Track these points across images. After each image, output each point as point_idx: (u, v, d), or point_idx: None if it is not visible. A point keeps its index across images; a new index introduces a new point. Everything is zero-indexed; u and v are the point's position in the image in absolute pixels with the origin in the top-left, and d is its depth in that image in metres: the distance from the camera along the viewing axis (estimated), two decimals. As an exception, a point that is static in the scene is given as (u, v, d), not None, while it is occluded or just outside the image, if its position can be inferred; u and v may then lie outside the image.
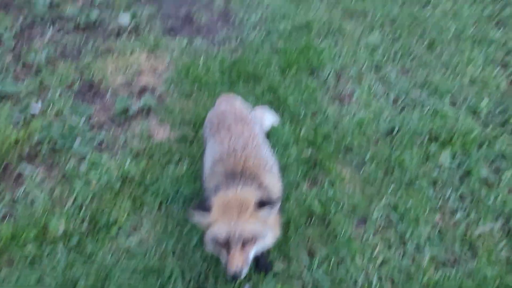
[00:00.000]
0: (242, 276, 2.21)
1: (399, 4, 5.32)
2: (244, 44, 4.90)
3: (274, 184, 2.68)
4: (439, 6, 5.23)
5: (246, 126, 2.97)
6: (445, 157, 3.64)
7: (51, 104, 4.10)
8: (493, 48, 4.67)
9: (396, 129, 3.89)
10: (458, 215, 3.27)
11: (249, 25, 5.13)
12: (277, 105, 4.11)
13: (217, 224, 2.23)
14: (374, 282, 2.92)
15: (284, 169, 3.56)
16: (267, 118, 3.68)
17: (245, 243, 2.22)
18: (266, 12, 5.27)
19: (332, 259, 3.03)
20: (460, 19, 5.07)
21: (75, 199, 3.42)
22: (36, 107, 4.06)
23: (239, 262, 2.20)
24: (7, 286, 2.90)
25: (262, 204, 2.26)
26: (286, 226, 3.18)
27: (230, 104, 3.21)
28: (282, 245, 3.11)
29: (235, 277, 2.19)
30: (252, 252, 2.29)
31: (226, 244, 2.21)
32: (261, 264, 2.98)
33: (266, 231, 2.31)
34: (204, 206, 2.30)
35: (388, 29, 5.01)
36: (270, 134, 3.73)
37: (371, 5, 5.33)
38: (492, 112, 4.01)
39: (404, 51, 4.71)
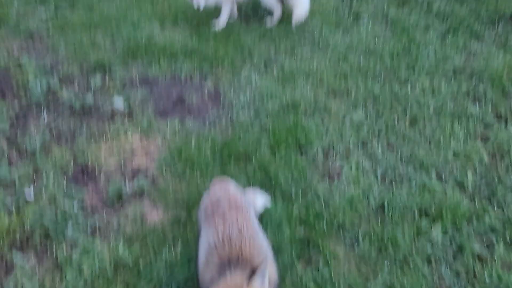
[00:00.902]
0: None
1: (380, 83, 5.61)
2: (234, 124, 5.07)
3: (269, 270, 2.66)
4: (417, 84, 5.54)
5: (240, 212, 3.00)
6: (436, 232, 3.69)
7: (44, 189, 4.12)
8: (471, 122, 4.89)
9: (386, 205, 3.96)
10: (455, 293, 3.27)
11: (239, 105, 5.33)
12: (268, 184, 4.18)
13: None
14: None
15: (277, 250, 3.56)
16: (259, 200, 3.74)
17: None
18: (255, 92, 5.51)
19: None
20: (439, 95, 5.35)
21: (66, 289, 3.35)
22: (29, 193, 4.07)
23: None
24: None
25: (252, 275, 2.31)
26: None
27: (224, 190, 3.27)
28: (279, 331, 3.04)
29: None
30: None
31: None
32: None
33: None
34: None
35: (371, 106, 5.25)
36: (262, 214, 3.77)
37: (354, 83, 5.62)
38: (478, 185, 4.13)
39: (388, 127, 4.91)
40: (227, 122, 5.13)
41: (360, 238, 3.70)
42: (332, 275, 3.39)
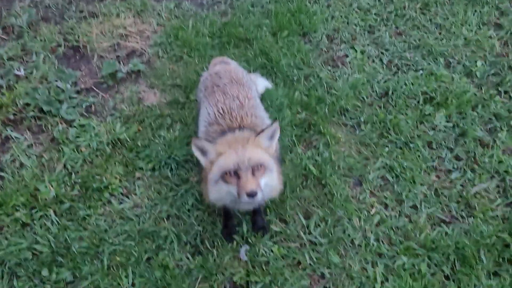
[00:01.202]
0: (258, 199, 2.19)
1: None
2: (234, 7, 4.75)
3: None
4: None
5: (241, 87, 2.89)
6: (439, 118, 3.61)
7: (35, 68, 3.94)
8: (486, 9, 4.60)
9: (391, 91, 3.83)
10: (454, 175, 3.27)
11: (239, -13, 4.95)
12: (269, 68, 4.01)
13: (225, 155, 2.24)
14: (371, 241, 2.91)
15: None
16: (260, 81, 3.59)
17: (255, 170, 2.22)
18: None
19: (329, 220, 3.01)
20: (453, -20, 4.96)
21: (64, 165, 3.32)
22: (20, 69, 3.90)
23: (253, 183, 2.17)
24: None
25: (261, 131, 2.32)
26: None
27: (225, 66, 3.11)
28: (278, 207, 3.07)
29: (251, 195, 2.15)
30: (263, 180, 2.26)
31: (236, 173, 2.21)
32: (258, 224, 2.95)
33: (272, 164, 2.32)
34: (210, 141, 2.36)
35: (381, -9, 4.89)
36: (263, 98, 3.65)
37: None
38: (486, 74, 3.97)
39: (398, 13, 4.61)
40: (226, 5, 4.80)
41: (362, 123, 3.62)
42: (332, 157, 3.36)
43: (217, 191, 2.35)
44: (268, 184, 2.34)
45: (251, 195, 2.15)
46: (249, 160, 2.20)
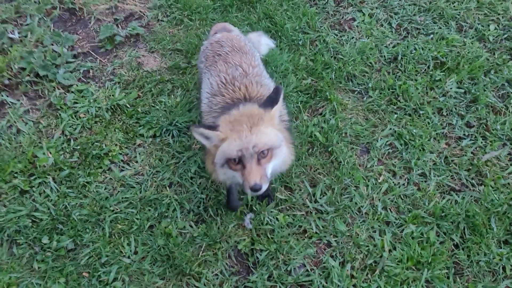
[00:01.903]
0: (263, 190, 2.03)
1: None
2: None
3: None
4: None
5: (244, 55, 2.71)
6: (450, 84, 3.48)
7: (30, 32, 3.78)
8: (501, -30, 4.39)
9: (400, 56, 3.69)
10: (465, 142, 3.17)
11: None
12: (274, 32, 3.85)
13: (228, 141, 2.04)
14: (379, 210, 2.84)
15: (283, 98, 3.38)
16: (263, 40, 3.43)
17: (261, 157, 2.04)
18: None
19: (336, 188, 2.93)
20: None
21: (63, 131, 3.22)
22: (14, 32, 3.74)
23: (257, 175, 2.00)
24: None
25: (266, 102, 2.12)
26: (287, 156, 3.05)
27: (226, 33, 2.94)
28: (283, 175, 2.99)
29: (255, 189, 1.99)
30: (270, 166, 2.11)
31: (241, 161, 2.04)
32: (263, 193, 2.85)
33: (281, 140, 2.12)
34: (209, 125, 2.12)
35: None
36: (267, 62, 3.52)
37: None
38: (500, 38, 3.82)
39: (408, -25, 4.41)
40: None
41: (370, 89, 3.49)
42: (339, 124, 3.26)
43: (224, 173, 2.19)
44: (277, 163, 2.19)
45: (255, 189, 2.00)
46: (254, 147, 2.00)
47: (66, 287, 2.53)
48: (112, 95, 3.40)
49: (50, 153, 3.05)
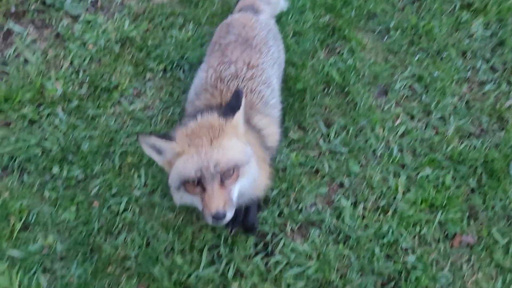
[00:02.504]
0: (227, 219, 1.70)
1: None
2: None
3: (269, 128, 2.16)
4: None
5: (247, 49, 2.31)
6: (477, 26, 3.30)
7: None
8: None
9: (425, -5, 3.49)
10: (488, 87, 3.04)
11: None
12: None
13: (184, 157, 1.69)
14: (394, 153, 2.77)
15: (299, 36, 3.23)
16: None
17: (225, 178, 1.70)
18: None
19: (351, 129, 2.85)
20: None
21: (71, 62, 3.12)
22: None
23: (221, 200, 1.66)
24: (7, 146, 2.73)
25: (226, 110, 1.77)
26: (301, 95, 2.95)
27: (246, 14, 2.55)
28: (297, 114, 2.90)
29: (218, 217, 1.66)
30: (236, 188, 1.76)
31: (199, 183, 1.69)
32: (248, 223, 2.45)
33: (249, 156, 1.77)
34: (164, 134, 1.78)
35: None
36: None
37: None
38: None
39: None
40: None
41: (391, 29, 3.32)
42: (357, 64, 3.12)
43: (180, 198, 1.82)
44: (246, 184, 1.81)
45: (217, 217, 1.66)
46: (216, 166, 1.65)
47: (77, 215, 2.53)
48: (122, 27, 3.27)
49: (59, 83, 2.97)
